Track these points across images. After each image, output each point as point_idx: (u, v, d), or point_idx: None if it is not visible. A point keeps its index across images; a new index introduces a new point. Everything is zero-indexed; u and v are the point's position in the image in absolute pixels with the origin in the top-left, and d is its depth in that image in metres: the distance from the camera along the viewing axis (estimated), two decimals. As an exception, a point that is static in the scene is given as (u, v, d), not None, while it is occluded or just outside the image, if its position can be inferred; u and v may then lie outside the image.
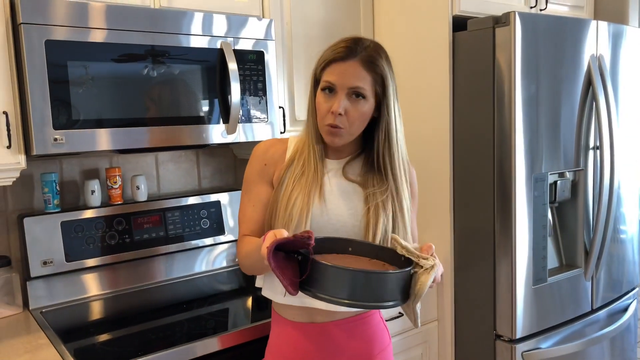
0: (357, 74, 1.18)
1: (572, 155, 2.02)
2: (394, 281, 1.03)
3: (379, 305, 1.03)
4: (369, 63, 1.19)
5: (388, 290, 1.02)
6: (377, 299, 1.02)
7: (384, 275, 1.03)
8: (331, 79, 1.19)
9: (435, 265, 1.06)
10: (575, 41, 1.97)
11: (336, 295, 1.01)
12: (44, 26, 1.39)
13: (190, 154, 2.12)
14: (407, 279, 1.06)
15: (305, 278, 1.04)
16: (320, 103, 1.22)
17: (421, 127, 2.08)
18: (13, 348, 1.42)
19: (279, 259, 1.02)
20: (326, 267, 1.02)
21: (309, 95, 1.27)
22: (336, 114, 1.18)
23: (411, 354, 2.04)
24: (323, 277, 1.02)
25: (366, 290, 1.01)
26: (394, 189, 1.24)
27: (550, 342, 2.00)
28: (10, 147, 1.42)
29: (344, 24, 2.14)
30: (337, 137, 1.21)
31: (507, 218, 1.86)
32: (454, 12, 1.96)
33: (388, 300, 1.03)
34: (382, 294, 1.02)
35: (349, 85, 1.18)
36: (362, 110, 1.20)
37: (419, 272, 1.07)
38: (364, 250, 1.18)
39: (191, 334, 1.48)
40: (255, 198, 1.29)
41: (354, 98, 1.19)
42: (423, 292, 1.05)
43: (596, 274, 2.16)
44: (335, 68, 1.19)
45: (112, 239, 1.82)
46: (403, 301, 1.06)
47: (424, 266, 1.06)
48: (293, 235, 1.02)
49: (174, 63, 1.60)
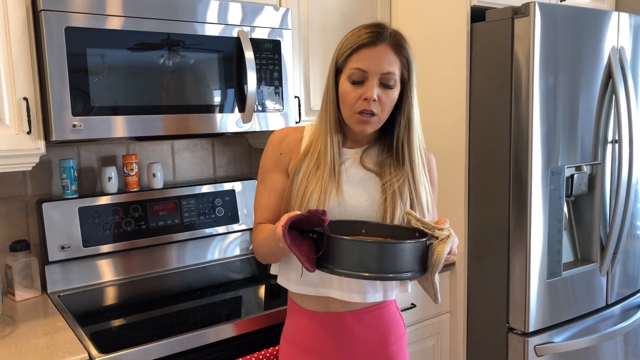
0: (388, 59, 1.17)
1: (590, 148, 1.99)
2: (410, 251, 1.03)
3: (397, 276, 1.03)
4: (398, 47, 1.18)
5: (405, 261, 1.03)
6: (394, 269, 1.02)
7: (400, 245, 1.03)
8: (362, 66, 1.17)
9: (451, 235, 1.06)
10: (595, 33, 1.94)
11: (353, 269, 1.02)
12: (63, 13, 1.41)
13: (206, 142, 2.13)
14: (423, 250, 1.06)
15: (321, 255, 1.04)
16: (348, 92, 1.19)
17: (437, 118, 2.07)
18: (32, 330, 1.45)
19: (295, 237, 1.03)
20: (342, 241, 1.02)
21: (327, 85, 1.25)
22: (371, 99, 1.16)
23: (423, 345, 2.04)
24: (339, 252, 1.03)
25: (383, 262, 1.01)
26: (410, 176, 1.23)
27: (563, 337, 1.99)
28: (31, 133, 1.44)
29: (361, 14, 2.13)
30: (369, 124, 1.20)
31: (523, 211, 1.85)
32: (473, 2, 1.94)
33: (406, 271, 1.03)
34: (399, 265, 1.02)
35: (381, 71, 1.17)
36: (393, 97, 1.20)
37: (434, 242, 1.07)
38: (378, 231, 1.18)
39: (205, 321, 1.50)
40: (270, 187, 1.29)
41: (384, 85, 1.18)
42: (440, 261, 1.04)
43: (611, 270, 2.14)
44: (365, 54, 1.17)
45: (128, 226, 1.84)
46: (421, 272, 1.06)
47: (440, 237, 1.06)
48: (307, 211, 1.03)
49: (191, 51, 1.61)
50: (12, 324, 1.50)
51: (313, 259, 1.04)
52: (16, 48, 1.41)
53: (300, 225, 1.04)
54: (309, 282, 1.24)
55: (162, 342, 1.37)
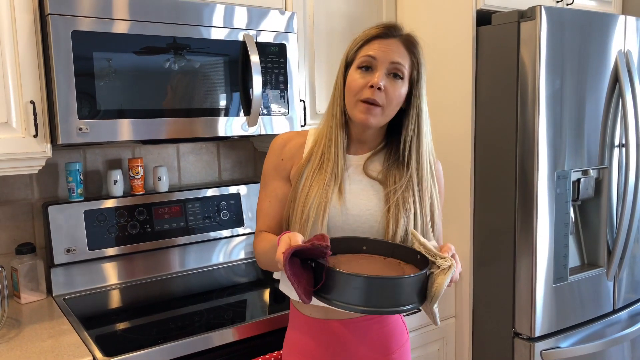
0: (399, 51, 1.16)
1: (597, 152, 1.98)
2: (410, 285, 1.01)
3: (396, 310, 1.01)
4: (409, 44, 1.18)
5: (404, 295, 1.00)
6: (393, 303, 1.00)
7: (400, 281, 1.00)
8: (372, 53, 1.16)
9: (452, 265, 1.03)
10: (602, 36, 1.93)
11: (352, 302, 0.99)
12: (70, 17, 1.41)
13: (211, 146, 2.14)
14: (423, 281, 1.04)
15: (320, 286, 1.02)
16: (355, 79, 1.17)
17: (443, 122, 2.07)
18: (37, 333, 1.45)
19: (295, 266, 1.00)
20: (341, 275, 0.99)
21: (336, 79, 1.24)
22: (376, 86, 1.14)
23: (428, 349, 2.03)
24: (338, 285, 1.00)
25: (382, 296, 0.99)
26: (416, 184, 1.20)
27: (569, 342, 1.97)
28: (37, 136, 1.45)
29: (367, 18, 2.13)
30: (372, 115, 1.16)
31: (529, 215, 1.84)
32: (478, 6, 1.94)
33: (405, 305, 1.01)
34: (398, 299, 1.00)
35: (391, 59, 1.15)
36: (400, 91, 1.17)
37: (435, 272, 1.04)
38: (379, 249, 1.16)
39: (209, 324, 1.50)
40: (271, 193, 1.27)
41: (392, 77, 1.16)
42: (440, 293, 1.02)
43: (618, 274, 2.12)
44: (376, 43, 1.17)
45: (133, 229, 1.84)
46: (420, 303, 1.04)
47: (441, 266, 1.04)
48: (310, 243, 1.00)
49: (196, 55, 1.62)
50: (17, 326, 1.50)
51: (310, 291, 1.02)
52: (23, 52, 1.42)
53: (302, 254, 1.02)
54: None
55: (167, 346, 1.37)
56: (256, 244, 1.26)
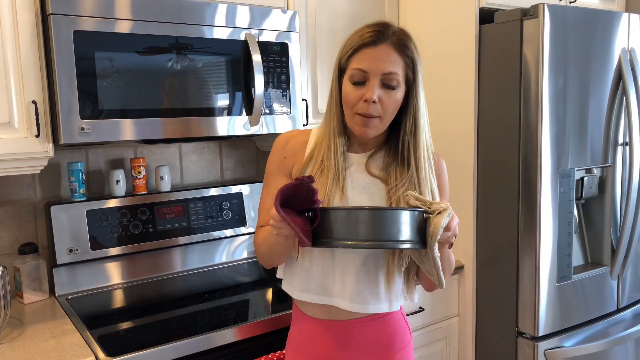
0: (390, 59, 1.13)
1: (600, 151, 1.97)
2: (406, 219, 1.02)
3: (395, 244, 1.02)
4: (400, 46, 1.15)
5: (402, 229, 1.02)
6: (391, 236, 1.01)
7: (394, 212, 1.02)
8: (362, 66, 1.14)
9: (448, 208, 1.04)
10: (605, 34, 1.92)
11: (351, 238, 1.01)
12: (72, 17, 1.41)
13: (213, 145, 2.14)
14: (420, 221, 1.05)
15: (318, 229, 1.03)
16: (349, 92, 1.16)
17: (446, 121, 2.06)
18: (40, 333, 1.45)
19: (289, 213, 1.03)
20: (335, 211, 1.02)
21: (331, 86, 1.23)
22: (370, 101, 1.13)
23: (432, 349, 2.03)
24: (335, 223, 1.02)
25: (379, 229, 1.01)
26: (416, 180, 1.20)
27: (573, 341, 1.96)
28: (39, 136, 1.45)
29: (369, 16, 2.12)
30: (370, 127, 1.16)
31: (532, 214, 1.84)
32: (481, 4, 1.93)
33: (403, 240, 1.02)
34: (395, 232, 1.01)
35: (382, 71, 1.13)
36: (395, 98, 1.16)
37: (432, 216, 1.05)
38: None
39: (212, 324, 1.49)
40: (273, 190, 1.26)
41: (386, 86, 1.14)
42: (438, 232, 1.02)
43: (622, 273, 2.11)
44: (366, 54, 1.14)
45: (135, 229, 1.84)
46: (419, 244, 1.04)
47: (437, 210, 1.05)
48: (295, 179, 1.02)
49: (198, 54, 1.61)
50: (20, 326, 1.50)
51: (309, 231, 1.03)
52: (25, 52, 1.42)
53: (292, 199, 1.03)
54: (311, 289, 1.23)
55: (169, 345, 1.37)
56: (256, 236, 1.27)
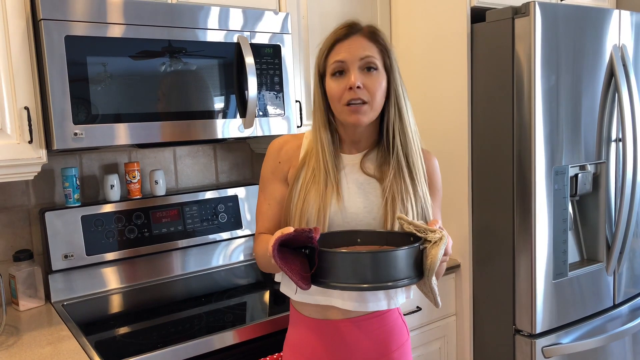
0: (363, 46, 1.18)
1: (594, 147, 1.98)
2: (403, 258, 1.02)
3: (393, 284, 1.01)
4: (371, 34, 1.20)
5: (399, 268, 1.01)
6: (390, 277, 1.01)
7: (392, 253, 1.01)
8: (339, 57, 1.18)
9: (443, 237, 1.05)
10: (597, 31, 1.93)
11: (349, 282, 1.00)
12: (63, 22, 1.41)
13: (208, 148, 2.13)
14: (417, 255, 1.05)
15: (316, 270, 1.03)
16: (333, 87, 1.19)
17: (439, 120, 2.06)
18: (36, 340, 1.45)
19: (286, 256, 1.01)
20: (334, 255, 1.01)
21: (313, 92, 1.26)
22: (355, 86, 1.15)
23: (429, 348, 2.03)
24: (332, 266, 1.01)
25: (377, 271, 1.00)
26: (406, 170, 1.21)
27: (570, 338, 1.97)
28: (32, 142, 1.44)
29: (361, 16, 2.11)
30: (361, 114, 1.18)
31: (527, 211, 1.84)
32: (472, 3, 1.93)
33: (401, 279, 1.02)
34: (393, 273, 1.01)
35: (359, 56, 1.17)
36: (379, 80, 1.18)
37: (428, 246, 1.05)
38: (373, 239, 1.17)
39: (209, 327, 1.49)
40: (270, 196, 1.29)
41: (366, 71, 1.18)
42: (435, 265, 1.03)
43: (618, 269, 2.12)
44: (341, 47, 1.19)
45: (131, 233, 1.84)
46: (418, 277, 1.05)
47: (432, 240, 1.05)
48: (295, 230, 1.01)
49: (191, 58, 1.61)
50: (16, 333, 1.50)
51: (306, 277, 1.02)
52: (16, 57, 1.41)
53: (290, 243, 1.03)
54: (309, 291, 1.23)
55: (167, 350, 1.37)
56: (255, 246, 1.27)
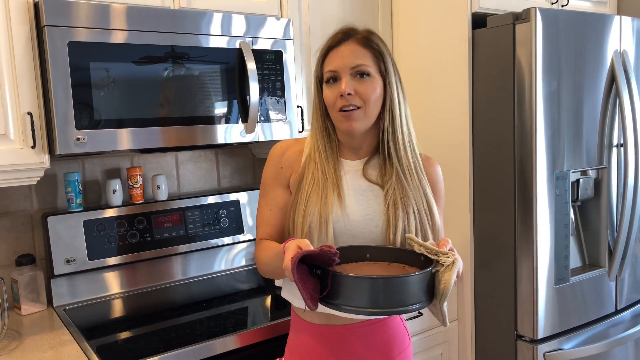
0: (356, 53, 1.18)
1: (595, 153, 1.98)
2: (416, 283, 1.01)
3: (405, 309, 1.00)
4: (365, 40, 1.20)
5: (411, 293, 1.00)
6: (401, 303, 0.99)
7: (405, 279, 1.00)
8: (331, 67, 1.19)
9: (456, 260, 1.04)
10: (597, 37, 1.94)
11: (360, 305, 0.99)
12: (66, 28, 1.42)
13: (210, 153, 2.14)
14: (429, 279, 1.04)
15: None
16: (327, 95, 1.20)
17: (441, 125, 2.07)
18: (37, 344, 1.45)
19: (303, 272, 1.00)
20: (346, 278, 0.99)
21: (313, 96, 1.27)
22: (345, 93, 1.16)
23: (431, 353, 2.02)
24: (345, 289, 1.00)
25: (389, 296, 0.99)
26: (403, 178, 1.20)
27: (573, 343, 1.96)
28: (35, 147, 1.45)
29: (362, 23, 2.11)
30: (353, 120, 1.18)
31: (528, 217, 1.84)
32: (474, 9, 1.94)
33: (413, 303, 1.01)
34: (405, 298, 1.00)
35: (350, 65, 1.17)
36: (373, 87, 1.18)
37: (440, 270, 1.04)
38: (382, 255, 1.16)
39: (211, 332, 1.49)
40: (271, 202, 1.28)
41: (359, 78, 1.18)
42: (448, 290, 1.02)
43: (620, 274, 2.12)
44: (333, 55, 1.19)
45: (133, 238, 1.84)
46: (428, 302, 1.04)
47: (445, 263, 1.04)
48: (319, 249, 0.99)
49: (194, 63, 1.62)
50: (18, 338, 1.50)
51: (316, 298, 1.02)
52: (20, 63, 1.42)
53: (309, 260, 1.02)
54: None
55: (168, 354, 1.37)
56: (258, 252, 1.26)
